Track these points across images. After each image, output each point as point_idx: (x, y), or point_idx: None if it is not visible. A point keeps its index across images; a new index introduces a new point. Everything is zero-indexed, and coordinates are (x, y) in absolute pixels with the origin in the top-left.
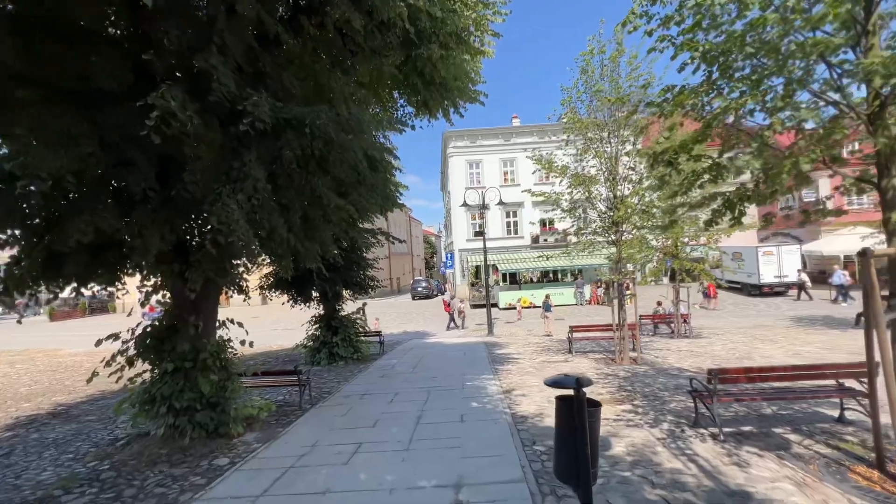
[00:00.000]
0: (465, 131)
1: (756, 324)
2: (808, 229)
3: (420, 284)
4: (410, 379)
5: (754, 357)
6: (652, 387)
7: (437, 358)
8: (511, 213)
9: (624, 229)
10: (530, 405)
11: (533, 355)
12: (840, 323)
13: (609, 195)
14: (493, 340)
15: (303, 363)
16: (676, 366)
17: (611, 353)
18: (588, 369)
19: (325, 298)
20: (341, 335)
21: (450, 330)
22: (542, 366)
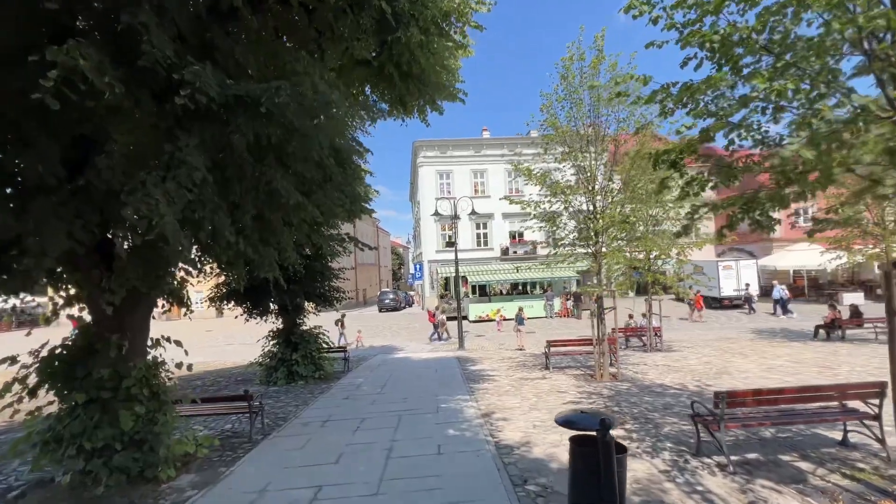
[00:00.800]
0: (435, 141)
1: (721, 336)
2: (761, 245)
3: (387, 296)
4: (378, 401)
5: (731, 371)
6: (639, 406)
7: (407, 375)
8: (481, 224)
9: (603, 241)
10: (514, 432)
11: (509, 371)
12: (798, 336)
13: (588, 206)
14: (464, 355)
15: (257, 383)
16: (658, 382)
17: (589, 369)
18: (569, 387)
19: (285, 311)
20: (302, 352)
21: (432, 342)
22: (519, 383)
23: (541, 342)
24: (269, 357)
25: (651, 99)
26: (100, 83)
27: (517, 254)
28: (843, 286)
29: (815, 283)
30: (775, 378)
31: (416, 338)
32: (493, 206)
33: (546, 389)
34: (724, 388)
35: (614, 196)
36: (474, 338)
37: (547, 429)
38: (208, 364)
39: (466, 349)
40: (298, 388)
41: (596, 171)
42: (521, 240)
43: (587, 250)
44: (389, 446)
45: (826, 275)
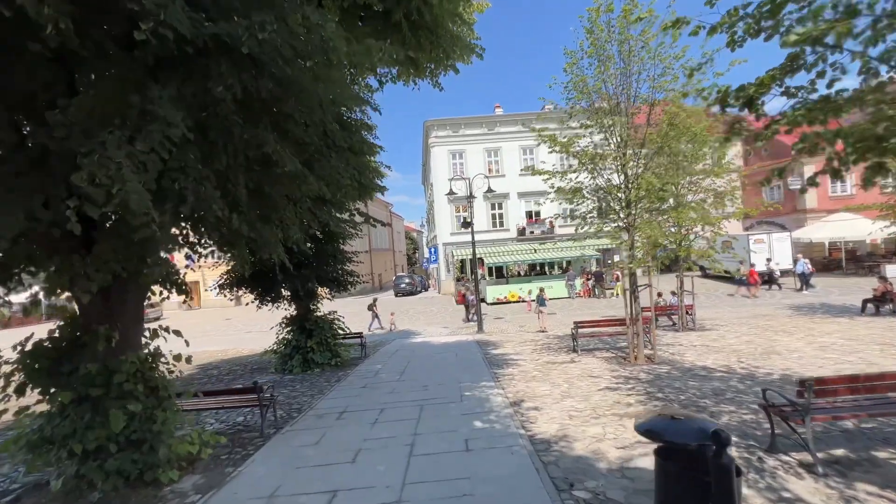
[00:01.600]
0: (447, 120)
1: (755, 313)
2: (794, 217)
3: (403, 281)
4: (398, 389)
5: (780, 351)
6: (686, 392)
7: (426, 361)
8: (496, 204)
9: (635, 212)
10: (549, 423)
11: (533, 355)
12: (841, 311)
13: (618, 175)
14: (484, 339)
15: (272, 371)
16: (700, 364)
17: (620, 351)
18: (602, 371)
19: (297, 297)
20: (317, 338)
21: (467, 323)
22: (546, 368)
23: (564, 324)
24: (284, 344)
25: (713, 30)
26: (33, 11)
27: (534, 234)
28: (883, 257)
29: (852, 255)
30: (832, 358)
31: (433, 321)
32: (509, 185)
33: (577, 374)
34: (776, 369)
35: (649, 161)
36: (493, 320)
37: (585, 419)
38: (226, 352)
39: (486, 332)
40: (314, 376)
41: (627, 135)
42: (537, 219)
43: (618, 223)
44: (411, 441)
45: (865, 246)
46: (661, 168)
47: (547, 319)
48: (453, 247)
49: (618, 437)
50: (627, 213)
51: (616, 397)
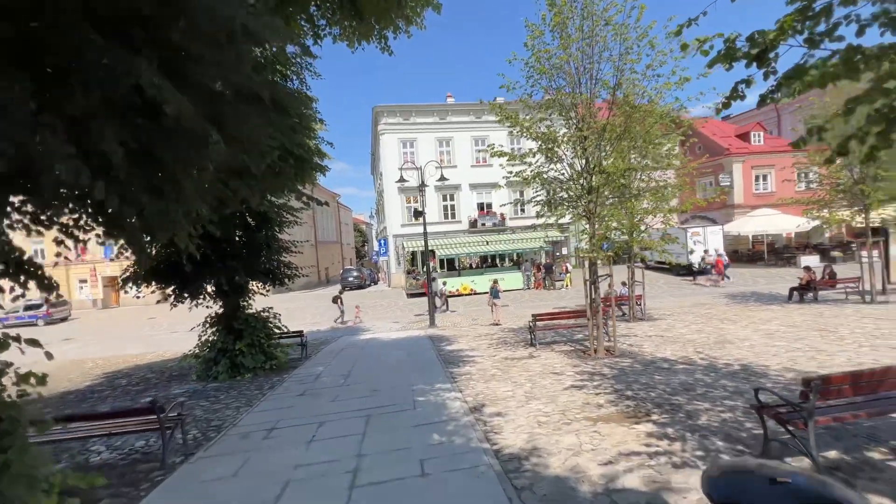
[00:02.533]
0: (397, 107)
1: (695, 302)
2: (723, 212)
3: (351, 274)
4: (341, 396)
5: (732, 340)
6: (655, 388)
7: (375, 361)
8: (448, 196)
9: (598, 200)
10: (516, 432)
11: (490, 350)
12: (769, 299)
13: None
14: (437, 333)
15: (194, 378)
16: (660, 356)
17: (579, 344)
18: (564, 366)
19: (223, 293)
20: (247, 339)
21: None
22: (505, 365)
23: (517, 316)
24: (208, 347)
25: None
26: None
27: (486, 226)
28: (797, 249)
29: (772, 248)
30: (781, 345)
31: (383, 316)
32: (461, 176)
33: (538, 371)
34: (733, 359)
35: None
36: (444, 314)
37: (556, 426)
38: (144, 357)
39: (438, 326)
40: (244, 384)
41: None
42: (489, 211)
43: (578, 211)
44: (354, 466)
45: (781, 240)
46: (623, 154)
47: (501, 312)
48: (404, 239)
49: (596, 447)
50: (588, 201)
51: (584, 397)
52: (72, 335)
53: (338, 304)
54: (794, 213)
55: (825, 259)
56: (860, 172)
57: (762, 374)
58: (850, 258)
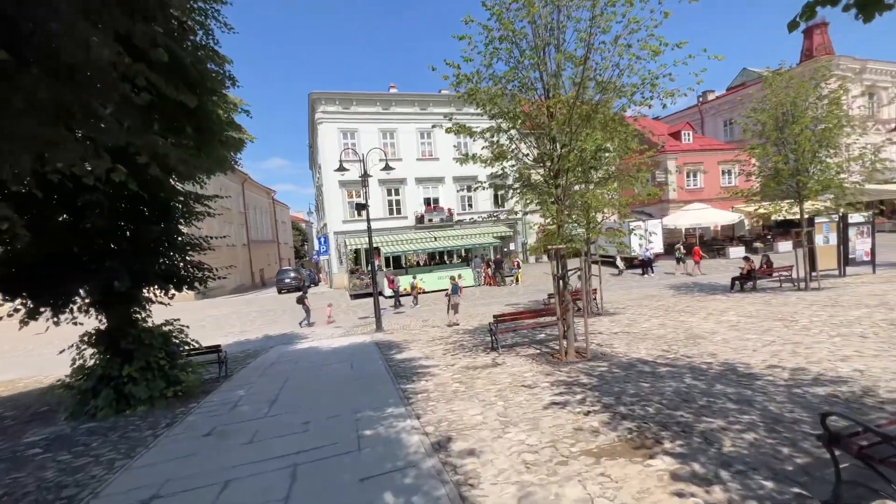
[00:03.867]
0: (336, 94)
1: (643, 294)
2: (658, 206)
3: (287, 275)
4: (262, 434)
5: (700, 334)
6: (649, 400)
7: (311, 377)
8: (393, 190)
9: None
10: (500, 484)
11: (447, 358)
12: (710, 289)
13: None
14: (385, 339)
15: (65, 418)
16: (635, 356)
17: (544, 346)
18: (535, 375)
19: (103, 303)
20: (140, 362)
21: (398, 311)
22: (468, 377)
23: (470, 315)
24: (84, 375)
25: None
26: None
27: (433, 221)
28: (724, 242)
29: (701, 240)
30: (753, 339)
31: (323, 321)
32: (406, 170)
33: (507, 383)
34: (713, 357)
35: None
36: (393, 316)
37: (552, 470)
38: (14, 383)
39: (386, 330)
40: (134, 420)
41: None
42: (436, 206)
43: (544, 197)
44: None
45: (710, 233)
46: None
47: (457, 312)
48: (346, 236)
49: (613, 502)
50: (556, 185)
51: (572, 418)
52: None
53: (303, 305)
54: (723, 207)
55: (749, 250)
56: (796, 163)
57: (753, 375)
58: (768, 248)
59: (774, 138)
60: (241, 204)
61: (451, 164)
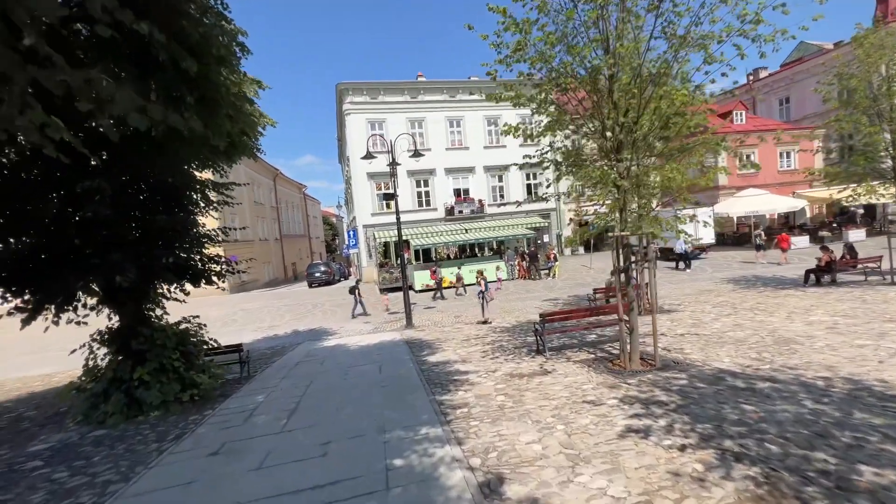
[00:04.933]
0: (364, 84)
1: (698, 289)
2: (707, 193)
3: (317, 269)
4: (274, 456)
5: (793, 338)
6: (763, 432)
7: (336, 382)
8: (422, 182)
9: (632, 158)
10: None
11: (486, 362)
12: (780, 283)
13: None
14: (415, 336)
15: (78, 421)
16: (717, 365)
17: (599, 349)
18: (596, 387)
19: (112, 299)
20: (153, 363)
21: (435, 301)
22: (514, 387)
23: (505, 310)
24: (94, 377)
25: None
26: None
27: (463, 213)
28: (781, 230)
29: (754, 229)
30: (868, 345)
31: (382, 308)
32: (435, 160)
33: (563, 398)
34: (823, 368)
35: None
36: (423, 311)
37: None
38: (49, 379)
39: (416, 326)
40: (144, 429)
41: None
42: (466, 197)
43: (610, 169)
44: None
45: (765, 221)
46: (679, 92)
47: (489, 307)
48: (374, 229)
49: None
50: (618, 160)
51: (663, 455)
52: None
53: (355, 296)
54: (781, 192)
55: (814, 240)
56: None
57: None
58: (836, 237)
59: (865, 107)
60: (273, 199)
61: (481, 153)
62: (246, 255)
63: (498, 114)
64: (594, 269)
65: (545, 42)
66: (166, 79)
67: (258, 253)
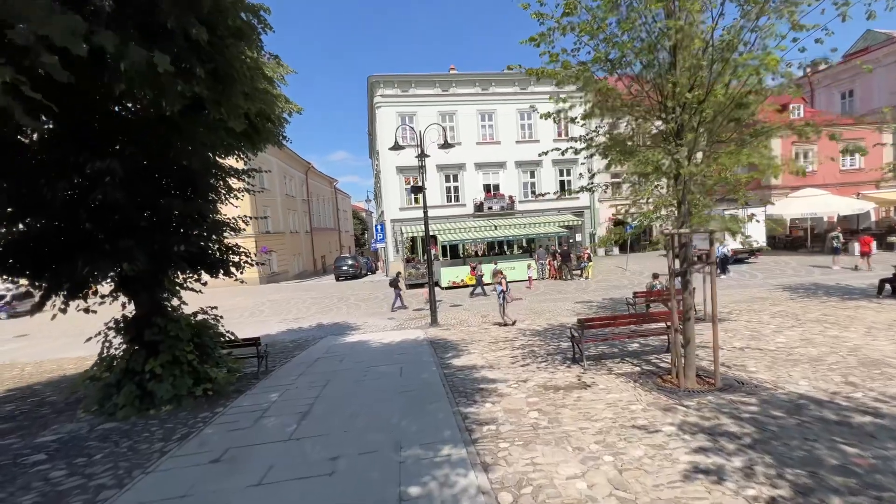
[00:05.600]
0: (394, 77)
1: (750, 296)
2: (758, 193)
3: (345, 263)
4: (277, 469)
5: (887, 360)
6: (884, 488)
7: (353, 384)
8: (451, 177)
9: (693, 142)
10: None
11: (516, 369)
12: (846, 292)
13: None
14: (440, 336)
15: (92, 410)
16: (793, 389)
17: (642, 360)
18: (645, 408)
19: (124, 286)
20: (166, 356)
21: (475, 297)
22: (549, 401)
23: (535, 311)
24: (108, 367)
25: None
26: None
27: (493, 209)
28: (848, 235)
29: (811, 232)
30: None
31: (377, 311)
32: (465, 154)
33: (608, 419)
34: None
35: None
36: (449, 308)
37: None
38: (84, 361)
39: (441, 325)
40: (153, 424)
41: None
42: (496, 193)
43: (665, 151)
44: None
45: (822, 224)
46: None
47: (512, 307)
48: (402, 223)
49: None
50: (678, 146)
51: None
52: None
53: (396, 289)
54: (842, 193)
55: (883, 246)
56: None
57: None
58: None
59: None
60: (304, 192)
61: (513, 148)
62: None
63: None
64: (630, 271)
65: (601, 4)
66: (175, 48)
67: (288, 245)
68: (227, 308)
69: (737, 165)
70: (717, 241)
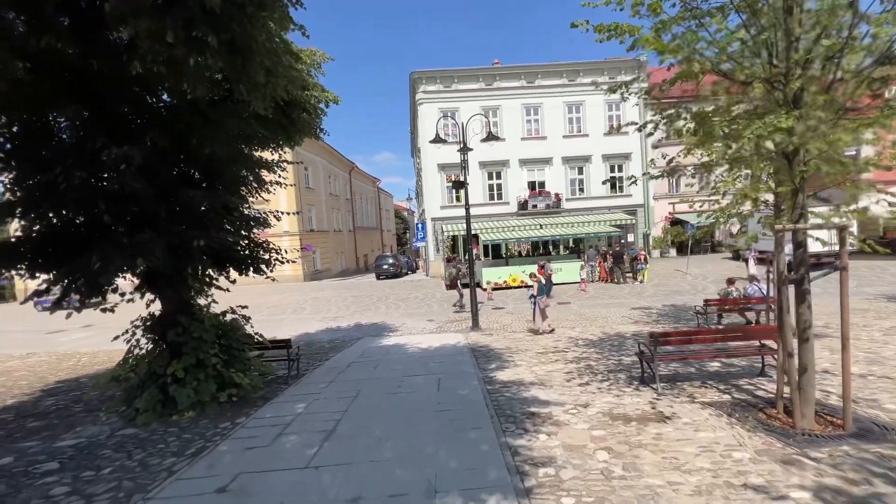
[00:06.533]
0: (437, 72)
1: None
2: (840, 189)
3: (385, 261)
4: None
5: None
6: None
7: (386, 394)
8: (494, 174)
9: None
10: None
11: (572, 389)
12: None
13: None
14: (482, 342)
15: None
16: None
17: (730, 384)
18: (753, 455)
19: (151, 283)
20: (190, 358)
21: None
22: (622, 439)
23: (585, 318)
24: (132, 368)
25: None
26: None
27: (537, 208)
28: None
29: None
30: None
31: (416, 312)
32: (509, 150)
33: (706, 470)
34: None
35: None
36: (491, 311)
37: None
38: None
39: (483, 329)
40: (172, 433)
41: None
42: (541, 191)
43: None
44: None
45: None
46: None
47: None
48: (443, 222)
49: None
50: (801, 116)
51: None
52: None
53: (457, 289)
54: None
55: None
56: None
57: None
58: None
59: None
60: (347, 191)
61: (560, 143)
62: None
63: (580, 100)
64: (691, 275)
65: None
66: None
67: (332, 243)
68: (272, 305)
69: (855, 144)
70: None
